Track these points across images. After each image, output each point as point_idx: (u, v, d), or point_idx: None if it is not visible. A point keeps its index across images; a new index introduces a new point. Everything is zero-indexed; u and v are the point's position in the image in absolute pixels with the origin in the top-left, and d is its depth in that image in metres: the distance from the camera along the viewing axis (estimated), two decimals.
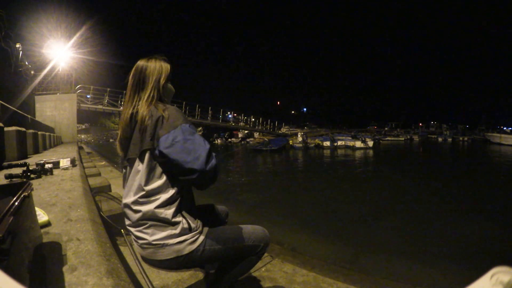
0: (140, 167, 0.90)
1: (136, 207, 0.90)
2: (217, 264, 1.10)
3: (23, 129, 4.85)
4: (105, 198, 2.94)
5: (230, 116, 35.14)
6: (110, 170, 6.89)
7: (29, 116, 8.12)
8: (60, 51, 17.46)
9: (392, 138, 39.86)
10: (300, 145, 23.48)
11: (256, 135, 34.27)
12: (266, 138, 28.21)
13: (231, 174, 10.50)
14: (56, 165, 3.14)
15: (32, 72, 15.68)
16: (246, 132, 36.15)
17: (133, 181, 0.91)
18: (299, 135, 26.17)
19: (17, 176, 2.34)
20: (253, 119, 31.33)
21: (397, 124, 54.48)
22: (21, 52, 14.22)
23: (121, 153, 1.00)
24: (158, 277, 1.53)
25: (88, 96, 17.39)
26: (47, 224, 1.27)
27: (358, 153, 19.43)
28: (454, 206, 5.84)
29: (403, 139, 39.64)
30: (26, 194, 0.80)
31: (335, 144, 23.49)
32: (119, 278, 0.91)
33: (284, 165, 14.46)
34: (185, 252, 0.90)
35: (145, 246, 0.91)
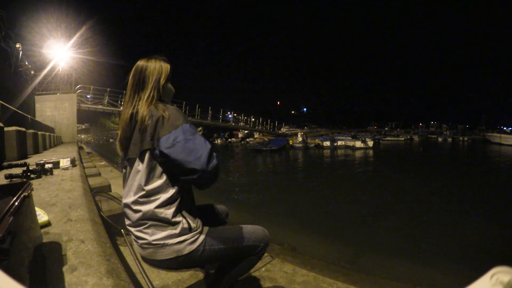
0: (140, 167, 0.90)
1: (136, 207, 0.90)
2: (217, 264, 1.10)
3: (23, 129, 4.85)
4: (105, 198, 2.94)
5: (230, 116, 35.19)
6: (110, 170, 6.89)
7: (29, 116, 8.13)
8: (60, 51, 17.47)
9: (392, 138, 39.81)
10: (300, 145, 23.47)
11: (256, 135, 34.29)
12: (266, 138, 28.23)
13: (231, 174, 10.50)
14: (56, 165, 3.14)
15: (32, 72, 15.68)
16: (246, 132, 36.17)
17: (133, 181, 0.91)
18: (299, 135, 26.15)
19: (17, 176, 2.34)
20: (253, 119, 31.35)
21: (397, 124, 54.36)
22: (21, 52, 14.23)
23: (121, 153, 1.00)
24: (158, 277, 1.53)
25: (88, 96, 17.41)
26: (47, 224, 1.27)
27: (358, 153, 19.42)
28: (454, 206, 5.84)
29: (403, 139, 39.55)
30: (26, 194, 0.80)
31: (335, 144, 23.48)
32: (119, 278, 0.91)
33: (284, 165, 14.45)
34: (185, 252, 0.90)
35: (145, 246, 0.91)
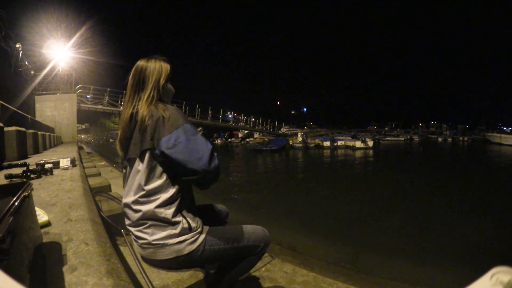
0: (140, 167, 0.90)
1: (136, 207, 0.90)
2: (217, 264, 1.09)
3: (23, 129, 4.85)
4: (105, 198, 2.94)
5: (230, 116, 35.17)
6: (110, 170, 6.90)
7: (29, 116, 8.13)
8: (60, 51, 17.46)
9: (392, 138, 39.84)
10: (300, 145, 23.48)
11: (256, 135, 34.30)
12: (266, 138, 28.23)
13: (231, 174, 10.50)
14: (56, 165, 3.14)
15: (32, 72, 15.68)
16: (246, 132, 36.18)
17: (133, 180, 0.91)
18: (299, 135, 26.16)
19: (17, 176, 2.34)
20: (253, 119, 31.33)
21: (397, 124, 54.45)
22: (21, 52, 14.24)
23: (121, 153, 1.00)
24: (158, 277, 1.53)
25: (88, 96, 17.39)
26: (47, 224, 1.27)
27: (358, 153, 19.43)
28: (454, 206, 5.84)
29: (403, 139, 39.58)
30: (26, 194, 0.81)
31: (335, 144, 23.49)
32: (119, 278, 0.91)
33: (284, 165, 14.45)
34: (185, 252, 0.90)
35: (145, 246, 0.91)
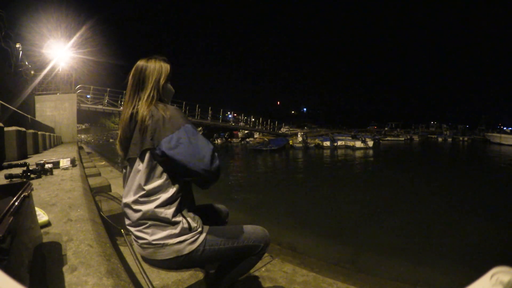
0: (140, 167, 0.90)
1: (136, 207, 0.90)
2: (217, 264, 1.10)
3: (23, 129, 4.85)
4: (105, 198, 2.93)
5: (230, 116, 35.17)
6: (110, 170, 6.89)
7: (29, 116, 8.13)
8: (60, 51, 17.44)
9: (392, 138, 39.80)
10: (300, 145, 23.48)
11: (256, 135, 34.29)
12: (266, 138, 28.22)
13: (231, 174, 10.50)
14: (56, 165, 3.14)
15: (32, 72, 15.68)
16: (246, 132, 36.17)
17: (133, 180, 0.91)
18: (299, 135, 26.17)
19: (17, 176, 2.34)
20: (253, 119, 31.34)
21: (397, 124, 54.34)
22: (21, 52, 14.24)
23: (121, 153, 1.00)
24: (158, 277, 1.53)
25: (88, 96, 17.39)
26: (47, 224, 1.27)
27: (358, 153, 19.42)
28: (454, 206, 5.84)
29: (403, 139, 39.54)
30: (26, 194, 0.80)
31: (335, 144, 23.48)
32: (119, 278, 0.91)
33: (284, 165, 14.45)
34: (185, 252, 0.90)
35: (145, 246, 0.91)
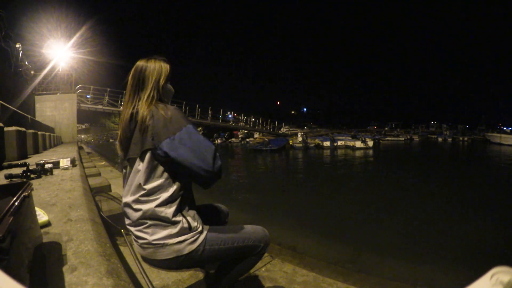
0: (140, 167, 0.90)
1: (136, 206, 0.90)
2: (217, 264, 1.09)
3: (23, 129, 4.85)
4: (105, 198, 2.94)
5: (230, 116, 35.18)
6: (110, 170, 6.90)
7: (29, 116, 8.13)
8: (60, 51, 17.46)
9: (392, 138, 39.83)
10: (300, 145, 23.47)
11: (256, 135, 34.28)
12: (266, 138, 28.21)
13: (231, 174, 10.50)
14: (56, 165, 3.14)
15: (32, 72, 15.70)
16: (246, 132, 36.16)
17: (133, 180, 0.91)
18: (299, 135, 26.15)
19: (17, 176, 2.34)
20: (253, 119, 31.35)
21: (397, 124, 54.35)
22: (21, 52, 14.25)
23: (121, 153, 1.00)
24: (158, 277, 1.53)
25: (88, 96, 17.41)
26: (47, 224, 1.27)
27: (358, 153, 19.42)
28: (454, 206, 5.84)
29: (403, 139, 39.55)
30: (26, 194, 0.81)
31: (335, 144, 23.49)
32: (119, 278, 0.91)
33: (284, 165, 14.45)
34: (185, 252, 0.90)
35: (145, 245, 0.91)
